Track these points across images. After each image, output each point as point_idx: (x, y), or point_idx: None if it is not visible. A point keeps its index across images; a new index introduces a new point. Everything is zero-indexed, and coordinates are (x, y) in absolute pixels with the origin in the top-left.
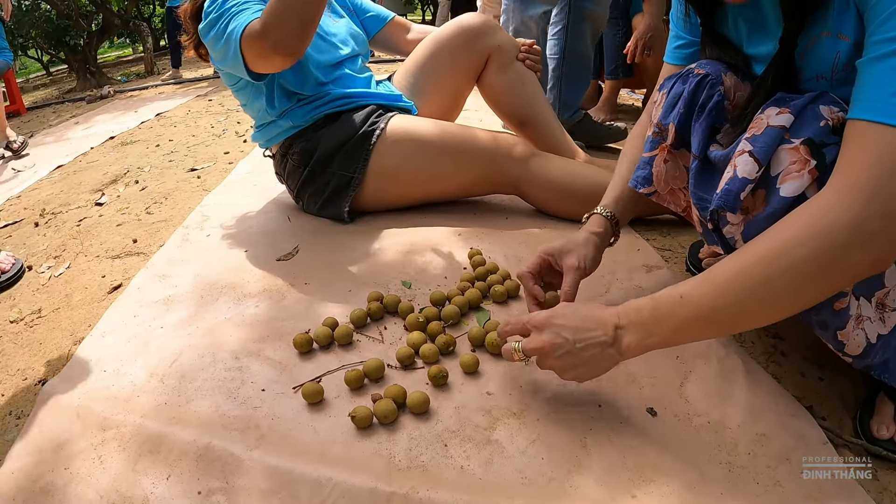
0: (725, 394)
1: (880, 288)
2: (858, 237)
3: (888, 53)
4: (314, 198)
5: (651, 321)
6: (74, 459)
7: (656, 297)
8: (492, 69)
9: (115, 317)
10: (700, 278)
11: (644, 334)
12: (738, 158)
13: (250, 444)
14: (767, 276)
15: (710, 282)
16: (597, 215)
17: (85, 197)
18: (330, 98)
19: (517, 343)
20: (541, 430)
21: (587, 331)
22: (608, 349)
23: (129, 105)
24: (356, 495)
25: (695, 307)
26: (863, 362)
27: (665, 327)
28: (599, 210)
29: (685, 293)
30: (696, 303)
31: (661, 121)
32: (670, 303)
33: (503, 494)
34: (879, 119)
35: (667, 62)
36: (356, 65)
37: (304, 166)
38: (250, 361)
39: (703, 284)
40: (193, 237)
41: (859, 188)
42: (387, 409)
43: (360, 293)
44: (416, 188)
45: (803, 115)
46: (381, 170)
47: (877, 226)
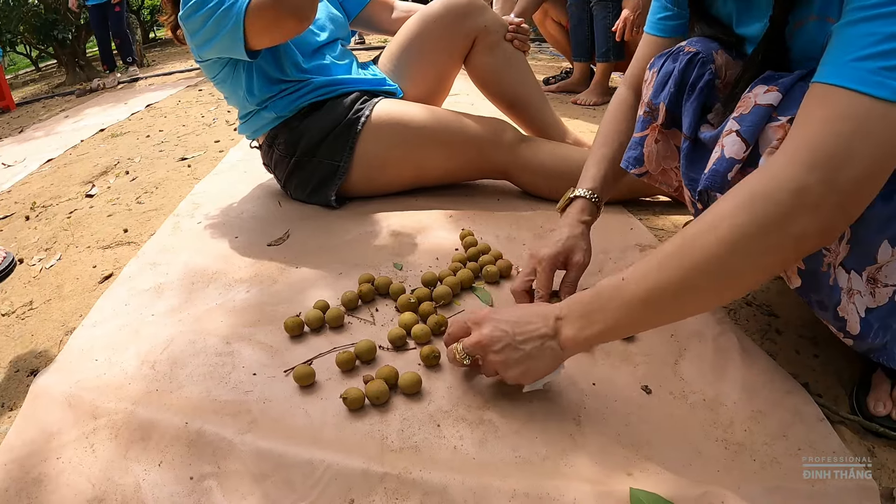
0: (720, 371)
1: (871, 263)
2: (803, 202)
3: (858, 20)
4: (301, 187)
5: (592, 308)
6: (66, 449)
7: (600, 283)
8: (479, 50)
9: (106, 306)
10: (644, 259)
11: (584, 323)
12: (726, 138)
13: (242, 429)
14: (708, 248)
15: (651, 260)
16: (582, 199)
17: (75, 189)
18: (312, 87)
19: (458, 344)
20: (534, 408)
21: (527, 323)
22: (549, 342)
23: (119, 97)
24: (349, 477)
25: (635, 288)
26: (864, 345)
27: (606, 314)
28: (585, 194)
29: (627, 275)
30: (636, 283)
31: (652, 100)
32: (611, 287)
33: (497, 474)
34: (834, 81)
35: (647, 33)
36: (335, 51)
37: (290, 157)
38: (241, 346)
39: (644, 264)
40: (184, 225)
41: (806, 151)
42: (379, 390)
43: (351, 276)
44: (404, 175)
45: (791, 93)
46: (368, 158)
47: (821, 190)
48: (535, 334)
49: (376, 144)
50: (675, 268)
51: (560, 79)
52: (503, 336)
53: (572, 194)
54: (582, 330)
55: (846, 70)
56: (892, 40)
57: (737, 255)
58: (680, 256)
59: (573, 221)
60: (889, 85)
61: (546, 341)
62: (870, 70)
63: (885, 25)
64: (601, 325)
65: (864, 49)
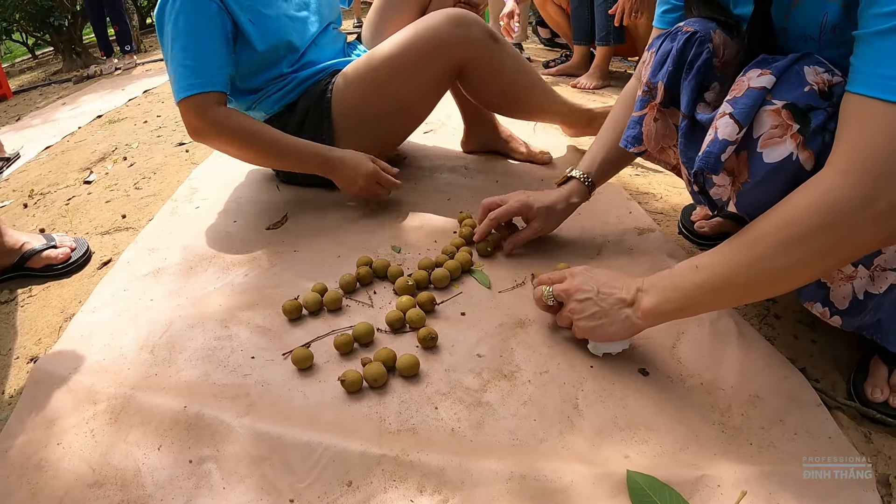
0: (718, 355)
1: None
2: (867, 216)
3: (892, 29)
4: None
5: (667, 286)
6: (67, 434)
7: (677, 266)
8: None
9: (105, 292)
10: (716, 249)
11: (660, 299)
12: (720, 121)
13: (240, 412)
14: (775, 246)
15: (722, 252)
16: (577, 182)
17: (73, 176)
18: (296, 83)
19: (548, 287)
20: (532, 391)
21: (612, 286)
22: (626, 308)
23: (116, 83)
24: (346, 459)
25: (707, 275)
26: (854, 322)
27: (679, 293)
28: (579, 176)
29: (700, 263)
30: (708, 271)
31: (650, 79)
32: (685, 271)
33: (494, 456)
34: (885, 97)
35: (655, 27)
36: (327, 36)
37: None
38: (240, 330)
39: (716, 254)
40: (182, 210)
41: (866, 168)
42: (377, 372)
43: (349, 259)
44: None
45: (785, 76)
46: (347, 119)
47: (887, 205)
48: (615, 296)
49: (349, 103)
50: (746, 264)
51: (560, 62)
52: (588, 290)
53: (569, 173)
54: (658, 305)
55: (893, 84)
56: None
57: (801, 255)
58: (748, 251)
59: (562, 197)
60: None
61: (624, 306)
62: None
63: None
64: (674, 304)
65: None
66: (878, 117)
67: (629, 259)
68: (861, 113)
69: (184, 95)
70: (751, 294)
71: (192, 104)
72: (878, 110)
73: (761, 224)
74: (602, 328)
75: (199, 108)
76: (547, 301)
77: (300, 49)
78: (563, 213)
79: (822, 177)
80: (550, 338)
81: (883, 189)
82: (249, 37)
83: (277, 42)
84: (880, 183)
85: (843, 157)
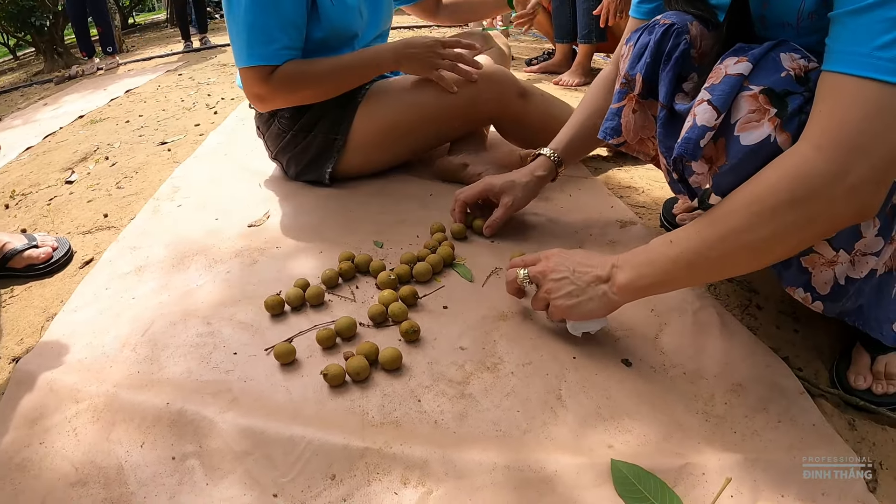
0: (701, 345)
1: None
2: (839, 189)
3: (866, 7)
4: (294, 161)
5: (642, 262)
6: (49, 433)
7: (652, 241)
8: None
9: (86, 291)
10: (690, 224)
11: (635, 274)
12: (698, 107)
13: (223, 407)
14: (747, 220)
15: (696, 227)
16: (543, 157)
17: (55, 176)
18: None
19: (522, 269)
20: (515, 382)
21: (587, 265)
22: (602, 284)
23: (98, 83)
24: (329, 452)
25: (681, 249)
26: (836, 308)
27: (654, 268)
28: (547, 153)
29: (674, 238)
30: (682, 245)
31: (629, 72)
32: (660, 246)
33: (478, 447)
34: (860, 72)
35: (632, 16)
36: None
37: (289, 131)
38: (222, 326)
39: (690, 229)
40: (164, 208)
41: (840, 142)
42: (359, 366)
43: (331, 254)
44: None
45: (762, 63)
46: (365, 128)
47: (859, 178)
48: (591, 273)
49: (375, 116)
50: (718, 238)
51: (542, 59)
52: (564, 269)
53: (537, 151)
54: (633, 281)
55: (867, 61)
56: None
57: (773, 229)
58: (721, 224)
59: (526, 171)
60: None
61: (600, 283)
62: (890, 59)
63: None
64: (650, 279)
65: (880, 36)
66: (851, 92)
67: (611, 251)
68: (835, 89)
69: (247, 64)
70: (725, 268)
71: (255, 73)
72: (851, 86)
73: (734, 198)
74: (579, 306)
75: (263, 78)
76: (523, 283)
77: (356, 46)
78: (529, 186)
79: (796, 151)
80: (533, 329)
81: (855, 162)
82: (321, 15)
83: (343, 31)
84: (852, 156)
85: (817, 131)
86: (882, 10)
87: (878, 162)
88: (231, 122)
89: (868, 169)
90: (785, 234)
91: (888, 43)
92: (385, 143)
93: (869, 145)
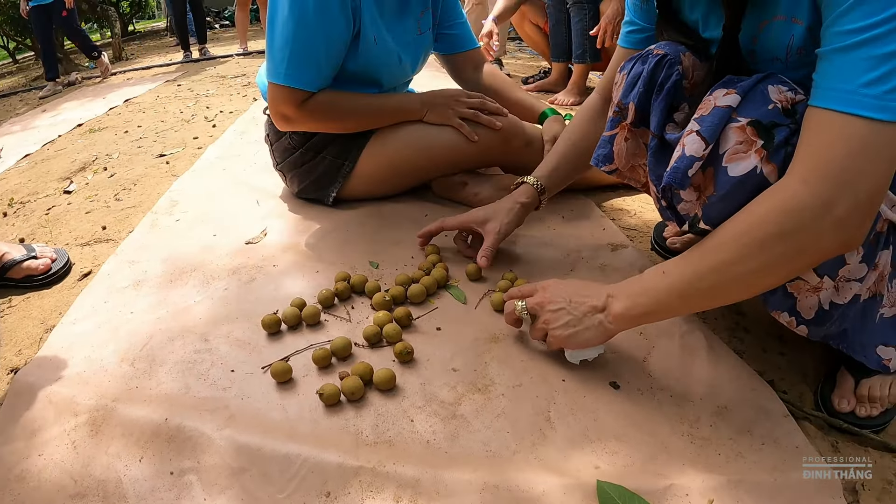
0: (688, 368)
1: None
2: (826, 222)
3: (852, 45)
4: (299, 178)
5: (637, 292)
6: (48, 446)
7: (646, 271)
8: None
9: (85, 303)
10: (682, 255)
11: (630, 304)
12: (687, 138)
13: (220, 424)
14: (740, 253)
15: (688, 258)
16: (527, 185)
17: (53, 185)
18: None
19: (520, 301)
20: (505, 404)
21: (583, 295)
22: (598, 313)
23: (98, 92)
24: (324, 470)
25: (673, 280)
26: (820, 332)
27: (647, 298)
28: (530, 181)
29: (667, 269)
30: (674, 276)
31: (622, 100)
32: (653, 276)
33: (468, 467)
34: (845, 109)
35: (620, 45)
36: (404, 87)
37: (298, 148)
38: (219, 343)
39: (682, 260)
40: (162, 222)
41: (826, 176)
42: (354, 386)
43: (328, 274)
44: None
45: (750, 95)
46: (373, 160)
47: (845, 211)
48: (587, 303)
49: (385, 148)
50: (709, 269)
51: (538, 78)
52: (561, 300)
53: (521, 179)
54: (628, 310)
55: (854, 98)
56: (887, 61)
57: (762, 261)
58: (712, 256)
59: (509, 199)
60: (892, 108)
61: (595, 312)
62: (874, 96)
63: (879, 47)
64: (644, 308)
65: (865, 74)
66: (837, 128)
67: (602, 275)
68: (821, 124)
69: (283, 83)
70: (716, 298)
71: (289, 95)
72: (836, 121)
73: (725, 230)
74: (577, 336)
75: (296, 101)
76: (521, 315)
77: (384, 87)
78: (513, 212)
79: (783, 185)
80: (524, 352)
81: (840, 196)
82: (360, 50)
83: (375, 70)
84: (838, 190)
85: (803, 165)
86: (868, 48)
87: (863, 196)
88: (229, 135)
89: (853, 203)
90: (774, 265)
91: (873, 80)
92: (390, 177)
93: (854, 180)
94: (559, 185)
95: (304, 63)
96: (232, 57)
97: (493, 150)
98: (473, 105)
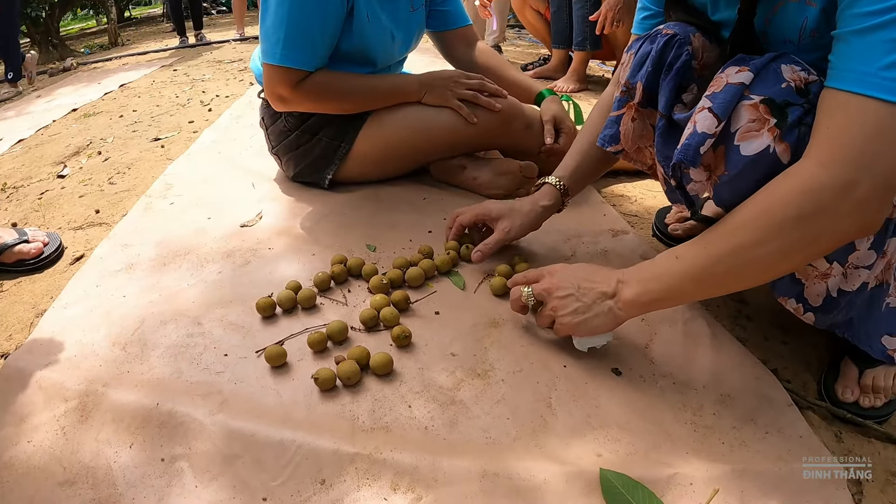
0: (691, 356)
1: (852, 252)
2: (845, 206)
3: (872, 27)
4: (294, 161)
5: (648, 277)
6: (37, 432)
7: (658, 256)
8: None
9: (77, 287)
10: (696, 239)
11: (641, 289)
12: (699, 114)
13: (213, 409)
14: (757, 236)
15: (702, 242)
16: (549, 186)
17: (47, 170)
18: None
19: (526, 287)
20: (505, 390)
21: (592, 281)
22: (608, 300)
23: (93, 77)
24: (319, 456)
25: (687, 265)
26: (826, 320)
27: (660, 283)
28: (553, 181)
29: (680, 253)
30: (688, 261)
31: (629, 80)
32: (666, 261)
33: (468, 454)
34: (864, 91)
35: (634, 33)
36: (401, 66)
37: (293, 130)
38: (213, 327)
39: (696, 244)
40: (156, 206)
41: (844, 159)
42: (350, 370)
43: (324, 257)
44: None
45: (763, 73)
46: (370, 142)
47: (863, 194)
48: (596, 290)
49: (381, 130)
50: (725, 253)
51: (538, 65)
52: (569, 286)
53: (543, 180)
54: (639, 296)
55: (872, 80)
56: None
57: (780, 244)
58: (728, 239)
59: (529, 201)
60: None
61: (605, 299)
62: (893, 79)
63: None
64: (655, 294)
65: (884, 57)
66: (855, 110)
67: (603, 260)
68: (838, 107)
69: (279, 63)
70: (731, 283)
71: (285, 75)
72: (853, 103)
73: (741, 213)
74: (586, 323)
75: (292, 82)
76: (527, 302)
77: (378, 66)
78: (530, 216)
79: (801, 167)
80: (524, 337)
81: (859, 179)
82: (354, 29)
83: (370, 49)
84: (856, 173)
85: (821, 148)
86: (887, 31)
87: (881, 179)
88: (225, 119)
89: (871, 185)
90: (791, 249)
91: (892, 63)
92: (387, 159)
93: (871, 163)
94: (582, 185)
95: (299, 42)
96: (228, 42)
97: (493, 133)
98: (472, 86)
